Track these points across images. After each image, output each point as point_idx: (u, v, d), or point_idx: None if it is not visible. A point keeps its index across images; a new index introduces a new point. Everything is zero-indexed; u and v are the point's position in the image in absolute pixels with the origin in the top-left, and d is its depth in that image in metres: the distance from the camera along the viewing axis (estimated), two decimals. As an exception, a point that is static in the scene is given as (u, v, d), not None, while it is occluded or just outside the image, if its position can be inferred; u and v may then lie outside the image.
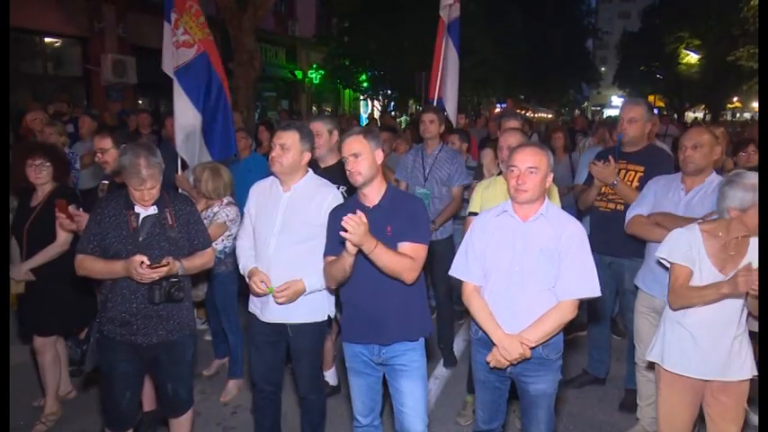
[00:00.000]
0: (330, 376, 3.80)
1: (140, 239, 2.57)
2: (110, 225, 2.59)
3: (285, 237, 2.70)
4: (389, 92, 17.54)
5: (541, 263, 2.30)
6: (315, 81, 19.08)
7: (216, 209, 3.68)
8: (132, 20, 12.10)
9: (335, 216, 2.43)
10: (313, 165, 3.50)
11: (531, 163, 2.30)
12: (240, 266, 2.88)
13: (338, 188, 3.28)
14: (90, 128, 6.00)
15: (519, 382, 2.45)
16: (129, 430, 2.77)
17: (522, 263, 2.32)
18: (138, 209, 2.61)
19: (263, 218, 2.78)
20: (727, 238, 2.39)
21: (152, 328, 2.62)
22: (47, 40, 11.27)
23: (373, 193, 2.48)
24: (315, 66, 18.82)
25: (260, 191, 2.87)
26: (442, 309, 4.30)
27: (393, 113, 16.30)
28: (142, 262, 2.44)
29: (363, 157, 2.42)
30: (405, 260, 2.36)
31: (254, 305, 2.85)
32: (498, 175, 3.34)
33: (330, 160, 3.45)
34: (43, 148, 3.39)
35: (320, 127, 3.38)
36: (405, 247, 2.39)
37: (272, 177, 2.83)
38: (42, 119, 5.81)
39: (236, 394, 3.81)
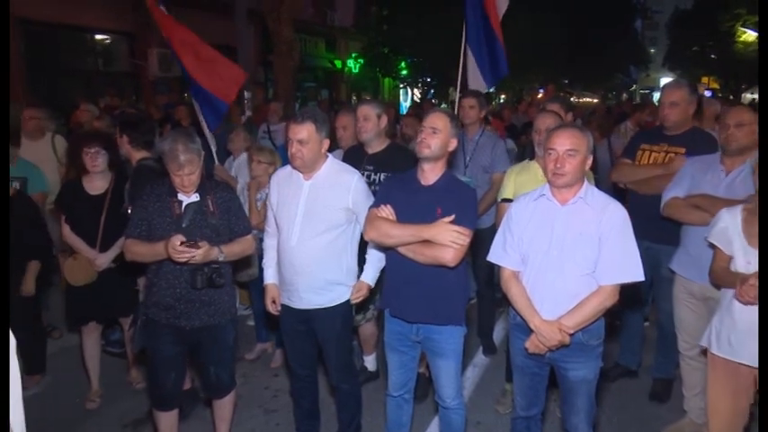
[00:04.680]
0: (370, 362, 3.83)
1: (183, 226, 2.64)
2: (155, 211, 2.67)
3: (308, 227, 2.70)
4: (429, 79, 17.38)
5: (581, 247, 2.24)
6: (354, 70, 19.09)
7: (267, 190, 3.81)
8: (178, 13, 12.39)
9: (389, 184, 2.69)
10: (357, 149, 3.54)
11: (569, 145, 2.24)
12: (263, 263, 2.96)
13: (383, 174, 3.31)
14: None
15: (558, 369, 2.41)
16: (175, 410, 2.88)
17: (561, 247, 2.27)
18: (181, 196, 2.68)
19: (284, 208, 2.78)
20: None
21: (194, 312, 2.70)
22: (96, 36, 11.68)
23: (432, 173, 2.52)
24: (354, 55, 18.81)
25: (280, 180, 2.86)
26: (482, 296, 4.26)
27: (433, 101, 16.15)
28: (182, 242, 2.51)
29: (441, 135, 2.46)
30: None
31: (283, 294, 2.88)
32: (531, 159, 3.28)
33: (377, 146, 3.40)
34: (99, 137, 3.50)
35: (369, 111, 3.35)
36: None
37: (290, 166, 2.81)
38: (91, 111, 6.06)
39: (281, 363, 3.96)
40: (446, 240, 2.36)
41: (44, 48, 9.99)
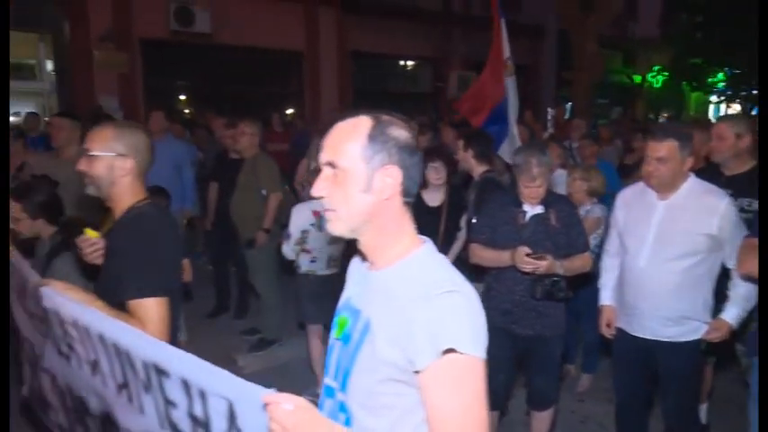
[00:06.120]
0: (701, 412, 3.35)
1: (525, 237, 2.72)
2: (500, 219, 2.82)
3: (660, 250, 2.49)
4: (754, 92, 14.62)
5: None
6: (656, 85, 17.39)
7: (588, 206, 3.83)
8: (476, 38, 13.21)
9: None
10: (709, 169, 3.16)
11: None
12: (600, 283, 2.84)
13: (746, 200, 2.89)
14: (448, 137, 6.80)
15: None
16: (497, 411, 2.97)
17: None
18: (525, 207, 2.77)
19: (633, 227, 2.62)
20: None
21: (529, 320, 2.75)
22: (406, 62, 13.32)
23: None
24: (656, 68, 17.14)
25: (628, 198, 2.72)
26: None
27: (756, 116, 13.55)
28: (528, 253, 2.57)
29: None
30: None
31: (620, 318, 2.72)
32: None
33: (738, 167, 3.04)
34: (440, 152, 3.86)
35: (724, 130, 3.03)
36: None
37: (642, 183, 2.64)
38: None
39: (587, 388, 3.87)
40: None
41: (368, 73, 12.08)
